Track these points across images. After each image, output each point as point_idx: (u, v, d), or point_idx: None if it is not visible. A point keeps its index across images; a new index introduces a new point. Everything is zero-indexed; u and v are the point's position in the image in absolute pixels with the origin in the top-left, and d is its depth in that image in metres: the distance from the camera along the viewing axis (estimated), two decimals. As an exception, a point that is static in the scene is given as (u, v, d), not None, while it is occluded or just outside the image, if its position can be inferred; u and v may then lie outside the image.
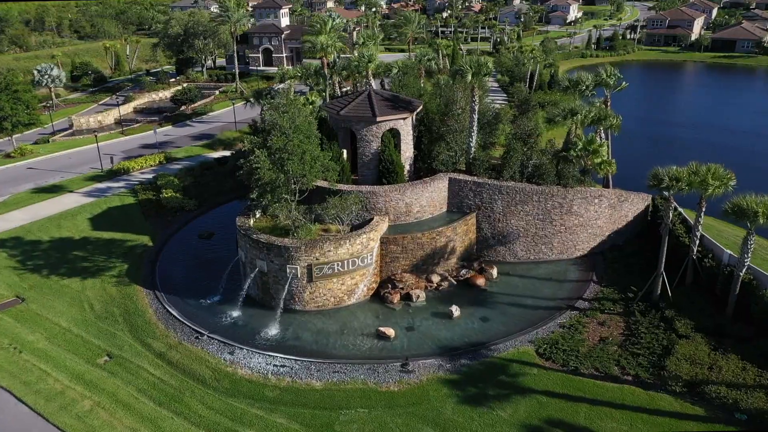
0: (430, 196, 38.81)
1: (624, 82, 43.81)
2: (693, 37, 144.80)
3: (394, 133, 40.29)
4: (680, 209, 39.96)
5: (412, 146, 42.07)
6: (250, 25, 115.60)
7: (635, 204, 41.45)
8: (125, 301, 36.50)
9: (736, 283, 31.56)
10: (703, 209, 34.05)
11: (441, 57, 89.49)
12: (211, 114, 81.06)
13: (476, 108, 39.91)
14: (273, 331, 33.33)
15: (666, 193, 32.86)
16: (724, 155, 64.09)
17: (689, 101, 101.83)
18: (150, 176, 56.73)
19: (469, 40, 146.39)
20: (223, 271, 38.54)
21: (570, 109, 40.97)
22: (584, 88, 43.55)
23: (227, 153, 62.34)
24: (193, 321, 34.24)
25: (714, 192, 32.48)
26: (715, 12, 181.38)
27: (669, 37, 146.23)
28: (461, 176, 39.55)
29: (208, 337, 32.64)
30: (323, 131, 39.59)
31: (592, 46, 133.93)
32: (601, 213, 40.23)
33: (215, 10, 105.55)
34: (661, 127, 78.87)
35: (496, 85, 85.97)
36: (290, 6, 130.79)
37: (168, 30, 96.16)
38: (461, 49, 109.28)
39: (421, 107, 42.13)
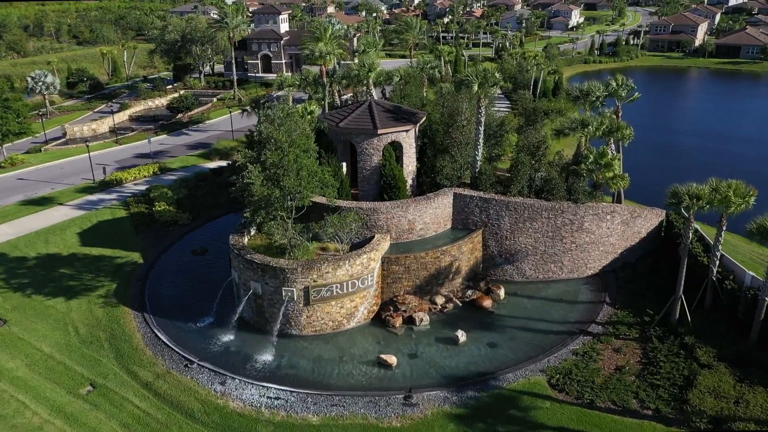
0: (433, 213, 36.88)
1: (636, 93, 41.89)
2: (697, 43, 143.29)
3: (396, 146, 38.40)
4: (696, 225, 38.02)
5: (415, 160, 40.17)
6: (249, 30, 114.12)
7: (648, 220, 39.52)
8: (112, 325, 34.54)
9: (761, 308, 29.57)
10: (724, 228, 32.14)
11: (443, 64, 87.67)
12: (208, 122, 79.25)
13: (482, 120, 38.00)
14: (267, 358, 31.36)
15: (685, 213, 30.85)
16: (731, 163, 62.80)
17: (694, 108, 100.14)
18: (143, 188, 54.81)
19: (471, 45, 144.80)
20: (216, 290, 36.63)
21: (580, 121, 39.09)
22: (594, 98, 41.59)
23: (224, 163, 60.60)
24: (182, 347, 32.26)
25: (736, 210, 30.61)
26: (718, 17, 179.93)
27: (672, 43, 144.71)
28: (467, 191, 37.63)
29: (198, 365, 30.65)
30: (321, 143, 37.75)
31: (595, 51, 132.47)
32: (614, 230, 38.30)
33: (214, 16, 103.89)
34: (665, 134, 77.01)
35: (499, 91, 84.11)
36: (290, 12, 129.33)
37: (165, 36, 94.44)
38: (463, 56, 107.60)
39: (424, 119, 40.26)
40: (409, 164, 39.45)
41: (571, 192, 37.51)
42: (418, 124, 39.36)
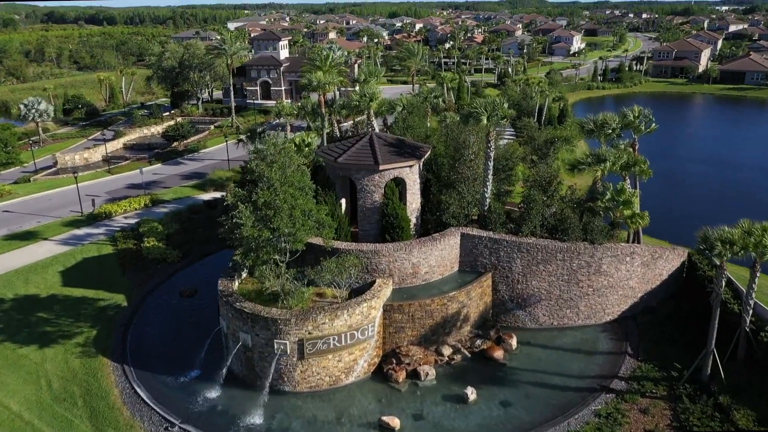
0: (440, 255, 34.15)
1: (654, 124, 39.45)
2: (700, 69, 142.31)
3: (399, 183, 35.90)
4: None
5: (419, 197, 37.59)
6: (249, 56, 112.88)
7: (670, 261, 36.79)
8: (88, 378, 31.54)
9: (805, 366, 26.70)
10: (758, 275, 29.38)
11: (446, 91, 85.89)
12: (204, 151, 76.97)
13: (491, 155, 35.53)
14: (257, 419, 28.27)
15: (717, 261, 28.11)
16: (739, 192, 60.35)
17: (699, 134, 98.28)
18: (133, 221, 52.11)
19: (473, 71, 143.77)
20: (205, 337, 33.88)
21: (596, 155, 36.62)
22: (610, 131, 39.16)
23: (218, 195, 58.06)
24: (164, 405, 29.20)
25: (772, 256, 27.89)
26: (720, 44, 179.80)
27: (676, 69, 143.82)
28: (475, 231, 34.96)
29: (180, 428, 27.59)
30: (318, 179, 35.27)
31: (599, 77, 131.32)
32: (634, 272, 35.54)
33: (214, 43, 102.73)
34: (670, 161, 74.50)
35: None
36: (290, 38, 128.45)
37: (162, 62, 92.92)
38: (466, 82, 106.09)
39: (428, 152, 37.82)
40: (413, 202, 36.88)
41: (587, 231, 34.86)
42: (422, 159, 36.91)
